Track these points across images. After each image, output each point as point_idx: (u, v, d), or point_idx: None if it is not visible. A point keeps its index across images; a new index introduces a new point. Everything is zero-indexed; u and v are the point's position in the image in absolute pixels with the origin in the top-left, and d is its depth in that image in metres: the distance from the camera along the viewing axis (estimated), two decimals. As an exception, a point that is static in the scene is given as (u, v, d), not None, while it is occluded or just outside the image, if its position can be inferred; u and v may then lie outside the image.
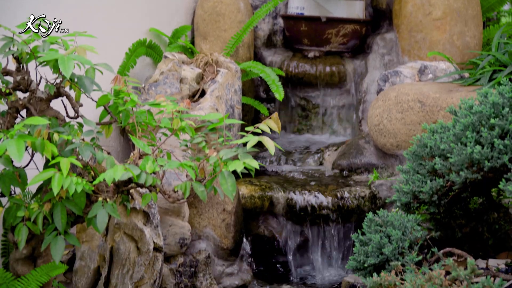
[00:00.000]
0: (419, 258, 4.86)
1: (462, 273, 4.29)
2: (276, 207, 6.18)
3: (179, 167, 4.20)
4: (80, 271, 5.07)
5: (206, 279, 5.62)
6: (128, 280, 5.13)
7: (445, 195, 5.10)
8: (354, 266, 5.10)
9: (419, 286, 4.34)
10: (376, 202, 6.20)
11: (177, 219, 5.51)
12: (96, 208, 4.16)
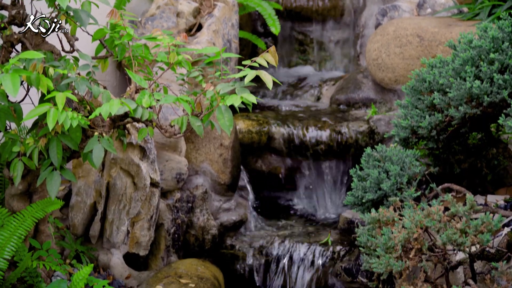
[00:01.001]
0: (417, 194, 4.85)
1: (461, 209, 4.28)
2: (273, 142, 6.15)
3: (176, 101, 4.16)
4: (76, 207, 5.06)
5: (203, 215, 5.62)
6: (125, 216, 5.12)
7: (444, 130, 5.07)
8: (352, 201, 5.09)
9: (417, 221, 4.33)
10: (374, 137, 6.17)
11: (173, 154, 5.49)
12: (92, 143, 4.13)
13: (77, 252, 5.03)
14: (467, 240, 4.19)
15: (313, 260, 5.53)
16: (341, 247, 5.54)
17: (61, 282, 4.41)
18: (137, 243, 5.23)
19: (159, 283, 5.04)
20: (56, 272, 4.73)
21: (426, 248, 4.36)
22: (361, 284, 5.34)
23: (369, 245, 4.68)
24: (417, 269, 4.56)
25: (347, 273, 5.38)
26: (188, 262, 5.36)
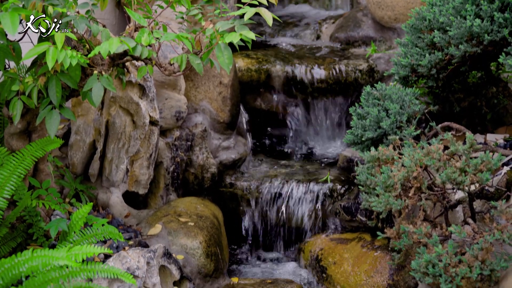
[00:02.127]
0: (417, 132, 4.85)
1: (460, 147, 4.28)
2: (273, 80, 6.13)
3: (175, 39, 4.12)
4: (75, 146, 5.06)
5: (202, 153, 5.62)
6: (124, 154, 5.12)
7: (443, 68, 5.05)
8: (352, 140, 5.09)
9: (417, 160, 4.34)
10: (373, 76, 6.15)
11: (173, 92, 5.47)
12: (91, 81, 4.10)
13: (76, 191, 5.04)
14: (466, 179, 4.20)
15: (312, 199, 5.55)
16: (340, 186, 5.55)
17: (61, 221, 4.43)
18: (136, 182, 5.25)
19: (159, 221, 5.06)
20: (55, 211, 4.75)
21: (425, 187, 4.38)
22: (360, 223, 5.36)
23: (369, 183, 4.69)
24: (416, 208, 4.58)
25: (346, 212, 5.40)
26: (187, 200, 5.38)
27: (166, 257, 4.49)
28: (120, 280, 4.23)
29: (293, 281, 5.12)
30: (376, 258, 5.14)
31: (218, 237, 5.17)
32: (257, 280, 5.11)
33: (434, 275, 4.16)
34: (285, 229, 5.63)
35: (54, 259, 3.44)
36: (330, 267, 5.32)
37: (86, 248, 3.57)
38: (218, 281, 5.01)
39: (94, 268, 3.74)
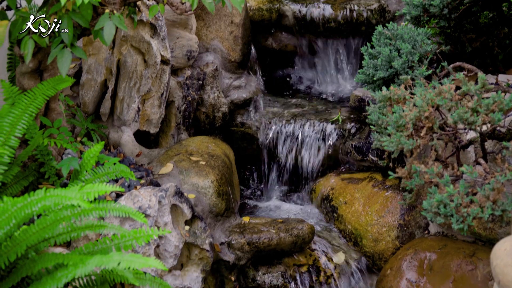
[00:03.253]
0: (428, 72, 4.82)
1: (472, 87, 4.26)
2: (284, 20, 6.09)
3: (187, -22, 4.09)
4: (87, 85, 5.05)
5: (214, 92, 5.61)
6: (135, 93, 5.12)
7: (455, 8, 5.00)
8: (363, 79, 5.07)
9: (428, 100, 4.32)
10: (385, 15, 6.10)
11: (184, 31, 5.44)
12: (103, 20, 4.08)
13: (87, 130, 5.05)
14: (478, 119, 4.19)
15: (323, 138, 5.55)
16: (352, 125, 5.55)
17: (72, 160, 4.45)
18: (147, 121, 5.25)
19: (170, 160, 5.07)
20: (67, 150, 4.76)
21: (437, 127, 4.37)
22: (371, 163, 5.37)
23: (380, 123, 4.68)
24: (428, 147, 4.58)
25: (357, 151, 5.40)
26: (198, 139, 5.38)
27: (177, 196, 4.52)
28: (132, 219, 4.26)
29: (304, 221, 5.15)
30: (387, 198, 5.15)
31: (229, 176, 5.18)
32: (268, 220, 5.14)
33: (445, 215, 4.17)
34: (296, 169, 5.64)
35: (66, 198, 3.46)
36: (341, 207, 5.34)
37: (98, 186, 3.58)
38: (230, 220, 5.04)
39: (106, 206, 3.76)
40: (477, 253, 4.57)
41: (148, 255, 4.30)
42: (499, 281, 3.37)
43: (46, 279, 3.48)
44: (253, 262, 4.98)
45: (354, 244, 5.22)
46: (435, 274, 4.59)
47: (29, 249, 3.61)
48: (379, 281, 4.82)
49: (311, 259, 5.06)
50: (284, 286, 4.96)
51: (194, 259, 4.60)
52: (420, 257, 4.68)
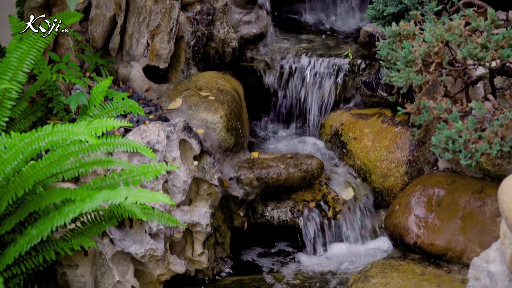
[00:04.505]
0: (438, 8, 4.78)
1: (482, 23, 4.22)
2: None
3: None
4: (95, 20, 5.03)
5: (223, 27, 5.58)
6: (144, 28, 5.10)
7: None
8: (373, 15, 5.03)
9: (438, 35, 4.29)
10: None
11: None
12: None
13: (96, 65, 5.04)
14: (487, 54, 4.16)
15: (333, 73, 5.53)
16: (361, 60, 5.52)
17: (81, 95, 4.45)
18: (157, 56, 5.24)
19: (179, 95, 5.07)
20: (75, 85, 4.77)
21: (446, 63, 4.34)
22: (381, 98, 5.35)
23: (389, 58, 4.66)
24: (437, 83, 4.56)
25: (367, 87, 5.39)
26: (208, 74, 5.37)
27: (186, 131, 4.52)
28: (140, 154, 4.28)
29: (313, 156, 5.16)
30: (397, 134, 5.15)
31: (238, 112, 5.18)
32: (277, 155, 5.15)
33: (453, 151, 4.16)
34: (306, 104, 5.63)
35: (74, 133, 3.48)
36: (350, 142, 5.34)
37: (106, 121, 3.59)
38: (239, 155, 5.06)
39: (114, 142, 3.78)
40: (485, 189, 4.58)
41: (156, 190, 4.33)
42: (506, 217, 3.38)
43: (54, 214, 3.52)
44: (261, 198, 5.01)
45: (363, 179, 5.23)
46: (443, 210, 4.60)
47: (37, 184, 3.64)
48: (388, 217, 4.84)
49: (319, 195, 5.09)
50: (292, 221, 4.99)
51: (203, 195, 4.63)
52: (429, 193, 4.69)
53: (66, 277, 4.12)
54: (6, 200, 3.55)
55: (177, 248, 4.63)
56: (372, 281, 4.44)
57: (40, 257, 3.75)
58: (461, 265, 4.50)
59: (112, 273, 4.22)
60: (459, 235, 4.50)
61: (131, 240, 4.30)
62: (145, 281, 4.47)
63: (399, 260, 4.69)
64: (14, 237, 3.66)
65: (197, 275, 4.80)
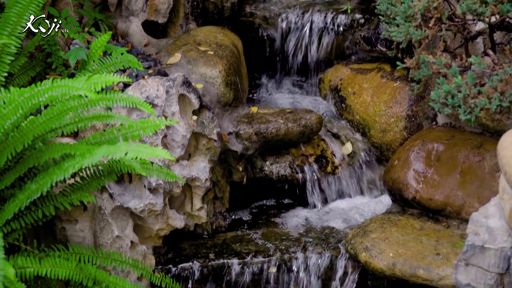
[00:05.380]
0: (440, -39, 4.75)
1: (483, -23, 4.20)
2: None
3: None
4: (94, -27, 5.01)
5: None
6: (143, -18, 5.07)
7: None
8: (373, -31, 5.00)
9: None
10: None
11: None
12: None
13: (95, 20, 5.01)
14: (487, 10, 4.14)
15: (332, 28, 5.51)
16: (361, 16, 5.49)
17: (80, 50, 4.43)
18: (156, 11, 5.21)
19: (178, 50, 5.05)
20: (74, 40, 4.74)
21: (445, 18, 4.32)
22: (380, 53, 5.33)
23: (389, 13, 4.64)
24: (437, 38, 4.54)
25: (366, 42, 5.36)
26: (207, 29, 5.34)
27: (185, 86, 4.51)
28: (139, 109, 4.27)
29: (312, 111, 5.15)
30: (396, 89, 5.14)
31: (237, 66, 5.17)
32: (276, 110, 5.15)
33: (453, 106, 4.16)
34: (305, 59, 5.61)
35: (73, 88, 3.46)
36: (349, 97, 5.33)
37: (105, 76, 3.58)
38: (237, 110, 5.05)
39: (113, 97, 3.76)
40: (484, 144, 4.59)
41: (155, 145, 4.33)
42: (506, 172, 3.39)
43: (53, 169, 3.52)
44: (260, 152, 5.02)
45: (362, 134, 5.23)
46: (442, 165, 4.61)
47: (36, 139, 3.64)
48: (387, 172, 4.85)
49: (318, 150, 5.09)
50: (291, 176, 5.00)
51: (202, 149, 4.63)
52: (428, 148, 4.70)
53: (65, 232, 4.14)
54: (6, 155, 3.55)
55: (176, 203, 4.65)
56: (371, 236, 4.46)
57: (39, 212, 3.76)
58: (460, 220, 4.53)
59: (111, 228, 4.24)
60: (458, 190, 4.51)
61: (130, 195, 4.32)
62: (144, 236, 4.49)
63: (398, 215, 4.71)
64: (13, 192, 3.66)
65: (196, 230, 4.83)
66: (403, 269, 4.27)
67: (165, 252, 4.66)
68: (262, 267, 4.60)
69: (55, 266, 3.62)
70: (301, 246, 4.68)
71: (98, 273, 3.80)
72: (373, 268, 4.36)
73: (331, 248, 4.65)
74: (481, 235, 3.59)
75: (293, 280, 4.61)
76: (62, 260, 3.67)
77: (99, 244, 4.24)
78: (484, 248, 3.57)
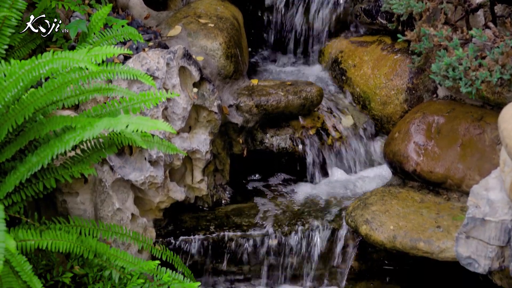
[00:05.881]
0: None
1: (485, -51, 4.18)
2: None
3: None
4: None
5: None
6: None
7: None
8: None
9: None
10: None
11: None
12: None
13: (95, -9, 4.99)
14: (489, -18, 4.12)
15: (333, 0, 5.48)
16: (362, -13, 5.48)
17: (80, 22, 4.42)
18: (155, -18, 5.20)
19: (178, 23, 5.04)
20: (75, 13, 4.72)
21: (447, -10, 4.31)
22: (381, 26, 5.32)
23: (390, -15, 4.62)
24: (437, 11, 4.53)
25: (366, 14, 5.35)
26: (207, 2, 5.32)
27: (186, 58, 4.50)
28: (140, 81, 4.26)
29: (312, 83, 5.15)
30: (396, 61, 5.13)
31: (238, 39, 5.15)
32: (276, 82, 5.14)
33: (454, 79, 4.16)
34: (305, 31, 5.60)
35: (74, 60, 3.45)
36: (350, 70, 5.33)
37: (106, 49, 3.57)
38: (238, 82, 5.04)
39: (114, 69, 3.75)
40: (485, 117, 4.58)
41: (156, 118, 4.33)
42: (507, 144, 3.39)
43: (54, 142, 3.52)
44: (261, 125, 5.01)
45: (362, 107, 5.23)
46: (443, 138, 4.61)
47: (37, 112, 3.64)
48: (387, 144, 4.85)
49: (319, 122, 5.09)
50: (292, 148, 5.00)
51: (202, 122, 4.63)
52: (428, 121, 4.70)
53: (66, 204, 4.15)
54: (6, 128, 3.54)
55: (177, 175, 4.65)
56: (371, 209, 4.47)
57: (40, 185, 3.76)
58: (460, 192, 4.53)
59: (112, 200, 4.25)
60: (458, 163, 4.52)
61: (130, 168, 4.32)
62: (144, 208, 4.50)
63: (398, 187, 4.71)
64: (14, 164, 3.66)
65: (197, 203, 4.83)
66: (403, 242, 4.28)
67: (165, 225, 4.67)
68: (262, 240, 4.61)
69: (56, 239, 3.62)
70: (302, 219, 4.69)
71: (98, 246, 3.80)
72: (374, 240, 4.37)
73: (332, 221, 4.66)
74: (482, 208, 3.60)
75: (293, 252, 4.63)
76: (63, 232, 3.67)
77: (100, 216, 4.24)
78: (485, 221, 3.58)
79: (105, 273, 3.89)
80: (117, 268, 3.88)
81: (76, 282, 3.91)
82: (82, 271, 3.89)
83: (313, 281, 4.68)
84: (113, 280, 3.87)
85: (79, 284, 3.89)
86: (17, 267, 3.35)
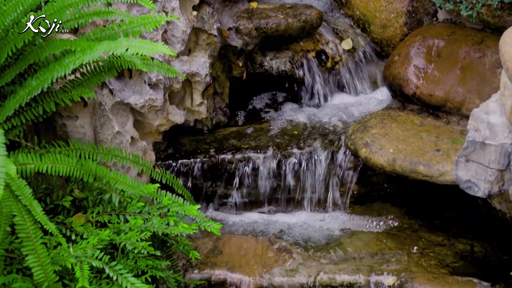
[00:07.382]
0: None
1: None
2: None
3: None
4: None
5: None
6: None
7: None
8: None
9: None
10: None
11: None
12: None
13: None
14: None
15: None
16: None
17: None
18: None
19: None
20: None
21: None
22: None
23: None
24: None
25: None
26: None
27: (184, -19, 4.46)
28: (139, 4, 4.23)
29: (312, 6, 5.11)
30: (397, -17, 5.10)
31: (237, -39, 5.10)
32: (276, 5, 5.10)
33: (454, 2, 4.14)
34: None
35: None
36: (350, -8, 5.29)
37: (104, -28, 3.53)
38: (237, 5, 5.00)
39: (113, -8, 3.72)
40: (485, 40, 4.57)
41: (155, 41, 4.31)
42: (508, 68, 3.39)
43: (54, 65, 3.50)
44: (260, 48, 4.99)
45: (362, 30, 5.20)
46: (443, 61, 4.61)
47: (36, 35, 3.61)
48: (387, 67, 4.84)
49: (318, 45, 5.07)
50: (291, 71, 4.99)
51: (202, 45, 4.61)
52: (428, 44, 4.68)
53: (65, 128, 4.14)
54: (6, 52, 3.52)
55: (176, 98, 4.65)
56: (371, 132, 4.48)
57: (40, 108, 3.75)
58: (460, 116, 4.54)
59: (111, 123, 4.25)
60: (458, 86, 4.52)
61: (130, 91, 4.31)
62: (144, 131, 4.51)
63: (398, 110, 4.72)
64: (14, 88, 3.65)
65: (196, 126, 4.84)
66: (403, 165, 4.30)
67: (165, 148, 4.69)
68: (262, 162, 4.63)
69: (56, 162, 3.62)
70: (301, 142, 4.71)
71: (98, 169, 3.81)
72: (373, 164, 4.39)
73: (331, 144, 4.67)
74: (482, 131, 3.61)
75: (293, 174, 4.65)
76: (62, 156, 3.67)
77: (100, 140, 4.25)
78: (485, 144, 3.60)
79: (104, 197, 3.91)
80: (117, 191, 3.90)
81: (76, 205, 3.92)
82: (81, 194, 3.91)
83: (314, 204, 4.71)
84: (113, 203, 3.89)
85: (79, 208, 3.91)
86: (17, 191, 3.36)
